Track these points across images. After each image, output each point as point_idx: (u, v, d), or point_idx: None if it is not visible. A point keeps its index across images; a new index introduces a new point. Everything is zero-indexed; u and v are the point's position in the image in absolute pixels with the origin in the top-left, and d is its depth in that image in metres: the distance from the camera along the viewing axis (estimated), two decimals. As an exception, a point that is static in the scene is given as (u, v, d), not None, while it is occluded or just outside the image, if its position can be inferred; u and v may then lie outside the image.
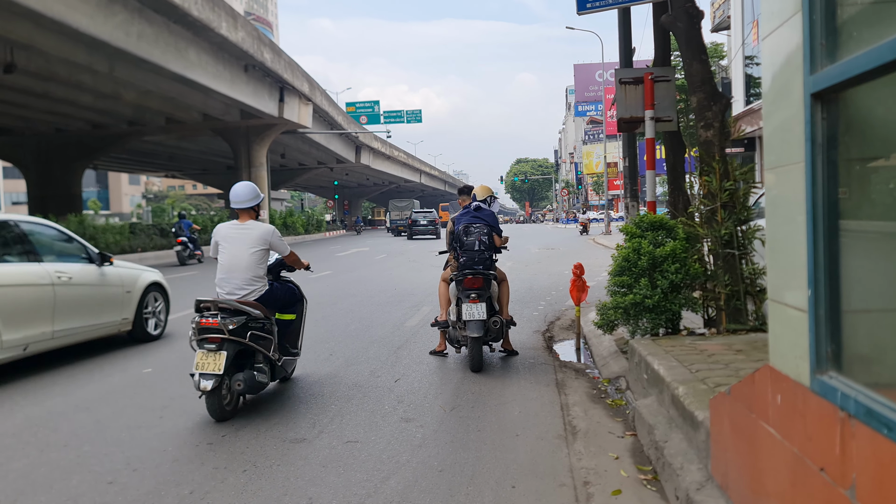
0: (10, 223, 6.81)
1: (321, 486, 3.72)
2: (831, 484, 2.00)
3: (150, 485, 3.76)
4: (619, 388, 5.67)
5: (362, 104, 58.67)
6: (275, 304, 5.57)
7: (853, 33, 2.03)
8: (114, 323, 7.79)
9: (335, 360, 6.93)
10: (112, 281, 7.79)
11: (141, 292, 8.26)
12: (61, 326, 6.87)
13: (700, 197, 5.99)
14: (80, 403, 5.43)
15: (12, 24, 18.18)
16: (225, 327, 4.89)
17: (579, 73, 61.85)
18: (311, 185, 78.75)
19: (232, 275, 5.29)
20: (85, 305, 7.29)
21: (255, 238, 5.34)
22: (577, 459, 4.08)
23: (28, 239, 6.86)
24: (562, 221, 74.33)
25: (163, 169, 57.65)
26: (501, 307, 6.88)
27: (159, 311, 8.70)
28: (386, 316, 9.85)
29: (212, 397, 4.86)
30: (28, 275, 6.55)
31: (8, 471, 4.01)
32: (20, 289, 6.43)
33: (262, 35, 29.68)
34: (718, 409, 3.10)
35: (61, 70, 22.90)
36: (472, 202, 6.99)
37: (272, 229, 5.49)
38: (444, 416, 4.99)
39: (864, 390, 1.88)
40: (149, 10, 21.32)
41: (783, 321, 2.40)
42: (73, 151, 35.43)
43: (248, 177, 37.40)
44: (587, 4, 8.57)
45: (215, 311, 5.01)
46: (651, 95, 7.49)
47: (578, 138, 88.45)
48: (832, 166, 2.08)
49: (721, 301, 5.66)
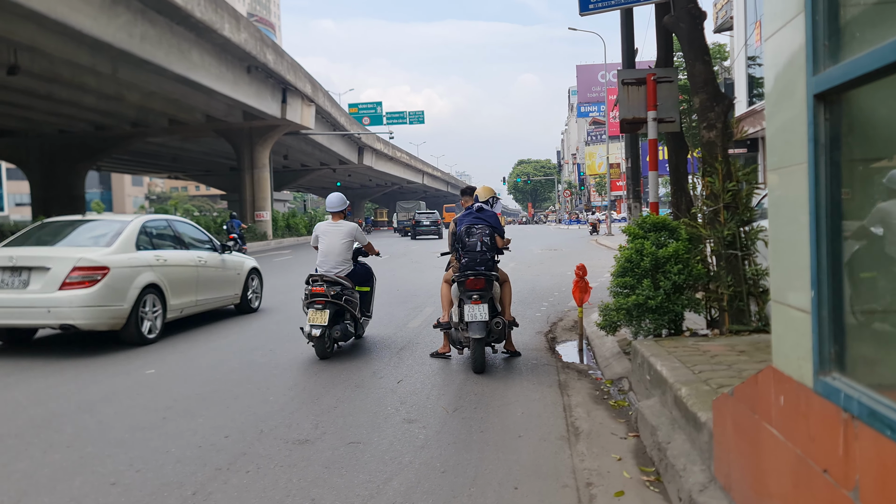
0: (168, 221, 9.49)
1: (324, 487, 3.72)
2: (834, 485, 2.00)
3: (153, 486, 3.76)
4: (621, 390, 5.66)
5: (365, 105, 58.74)
6: (356, 279, 7.54)
7: (856, 34, 2.03)
8: (230, 297, 10.13)
9: (338, 361, 6.93)
10: (229, 265, 10.13)
11: (246, 275, 10.57)
12: (201, 297, 9.27)
13: (703, 198, 5.98)
14: (83, 405, 5.43)
15: (16, 25, 18.24)
16: (328, 293, 6.95)
17: (582, 74, 61.84)
18: (313, 187, 78.81)
19: (328, 258, 7.36)
20: (214, 283, 9.61)
21: (345, 232, 7.45)
22: (580, 461, 4.07)
23: (179, 233, 9.39)
24: (564, 222, 74.30)
25: (166, 170, 57.78)
26: (504, 308, 6.87)
27: (258, 289, 11.03)
28: (388, 317, 9.85)
29: (318, 342, 6.85)
30: (184, 258, 8.99)
31: (11, 471, 4.02)
32: (179, 268, 8.81)
33: (264, 36, 29.74)
34: (721, 410, 3.09)
35: (65, 71, 22.96)
36: (475, 203, 6.99)
37: (356, 226, 7.60)
38: (446, 418, 4.99)
39: (867, 391, 1.87)
40: (152, 11, 21.37)
41: (786, 322, 2.40)
42: (76, 153, 35.52)
43: (251, 178, 37.49)
44: (590, 5, 8.57)
45: (321, 282, 7.02)
46: (654, 96, 7.49)
47: (581, 139, 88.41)
48: (835, 167, 2.08)
49: (724, 302, 5.65)
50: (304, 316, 7.38)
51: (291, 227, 43.85)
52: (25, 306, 7.35)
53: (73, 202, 34.45)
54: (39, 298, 7.32)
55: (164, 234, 9.07)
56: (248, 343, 8.12)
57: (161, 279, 8.31)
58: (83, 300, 7.32)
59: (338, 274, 7.26)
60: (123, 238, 8.12)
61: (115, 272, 7.60)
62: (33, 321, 7.48)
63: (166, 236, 9.10)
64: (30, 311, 7.36)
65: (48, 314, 7.31)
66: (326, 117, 43.93)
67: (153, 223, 8.97)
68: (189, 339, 8.46)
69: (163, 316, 8.34)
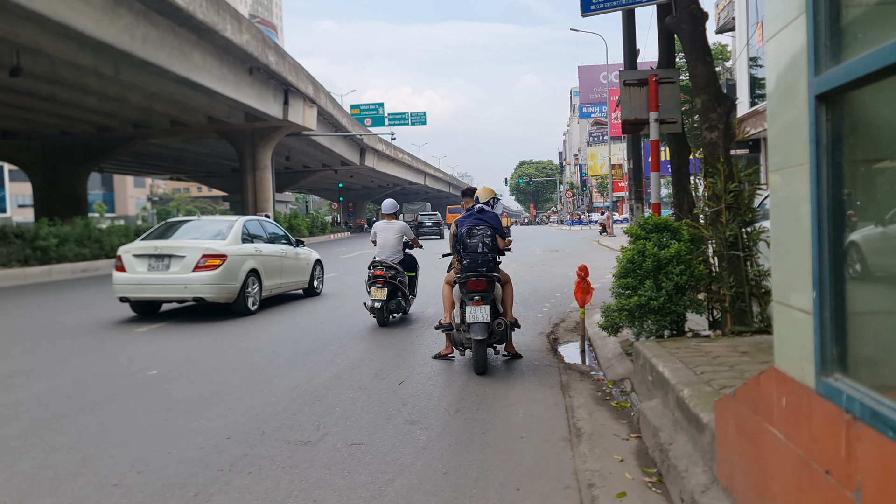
0: (259, 221, 11.89)
1: (326, 488, 3.72)
2: (837, 487, 1.99)
3: (155, 487, 3.77)
4: (623, 391, 5.66)
5: (367, 106, 58.83)
6: (405, 266, 9.52)
7: (858, 35, 2.03)
8: (301, 282, 12.56)
9: (340, 362, 6.94)
10: (301, 256, 12.55)
11: (312, 264, 12.96)
12: (283, 281, 11.79)
13: (705, 199, 5.98)
14: (86, 406, 5.44)
15: (18, 27, 18.27)
16: (386, 276, 9.09)
17: (583, 75, 61.83)
18: (315, 188, 78.88)
19: (385, 249, 9.41)
20: (292, 270, 12.09)
21: (397, 229, 9.54)
22: (582, 462, 4.07)
23: (266, 230, 11.85)
24: (566, 223, 74.24)
25: (168, 171, 57.81)
26: (505, 309, 6.87)
27: (320, 277, 13.43)
28: (391, 317, 9.83)
29: (378, 312, 9.04)
30: (272, 250, 11.44)
31: (14, 473, 4.03)
32: (270, 257, 11.27)
33: (266, 38, 29.75)
34: (723, 411, 3.09)
35: (67, 73, 22.99)
36: (475, 204, 6.99)
37: (405, 225, 9.70)
38: (448, 419, 4.99)
39: (869, 393, 1.87)
40: (154, 13, 21.40)
41: (788, 323, 2.40)
42: (78, 154, 35.54)
43: (253, 179, 37.51)
44: (591, 6, 8.57)
45: (381, 267, 9.17)
46: (655, 97, 7.48)
47: (583, 140, 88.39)
48: (837, 168, 2.07)
49: (726, 303, 5.64)
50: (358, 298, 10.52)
51: (294, 228, 43.82)
52: (169, 283, 9.90)
53: (75, 204, 34.48)
54: (178, 278, 9.87)
55: (257, 231, 11.47)
56: (318, 317, 10.36)
57: (259, 265, 10.80)
58: (209, 279, 9.87)
59: (392, 261, 9.29)
60: (233, 233, 10.63)
61: (230, 259, 10.12)
62: (174, 295, 9.99)
63: (258, 232, 11.49)
64: (172, 287, 9.91)
65: (185, 289, 9.87)
66: (328, 118, 43.95)
67: (250, 222, 11.44)
68: (277, 312, 10.87)
69: (259, 294, 10.87)
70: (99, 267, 21.14)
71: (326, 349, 7.62)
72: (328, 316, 10.37)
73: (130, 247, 10.46)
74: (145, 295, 10.13)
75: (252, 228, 11.31)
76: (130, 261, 10.15)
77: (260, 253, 10.94)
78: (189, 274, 9.83)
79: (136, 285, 10.05)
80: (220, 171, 53.13)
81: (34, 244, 19.78)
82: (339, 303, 11.87)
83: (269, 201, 38.13)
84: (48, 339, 8.65)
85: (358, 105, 58.94)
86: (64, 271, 19.59)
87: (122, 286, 10.13)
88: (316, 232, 48.92)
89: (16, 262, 18.88)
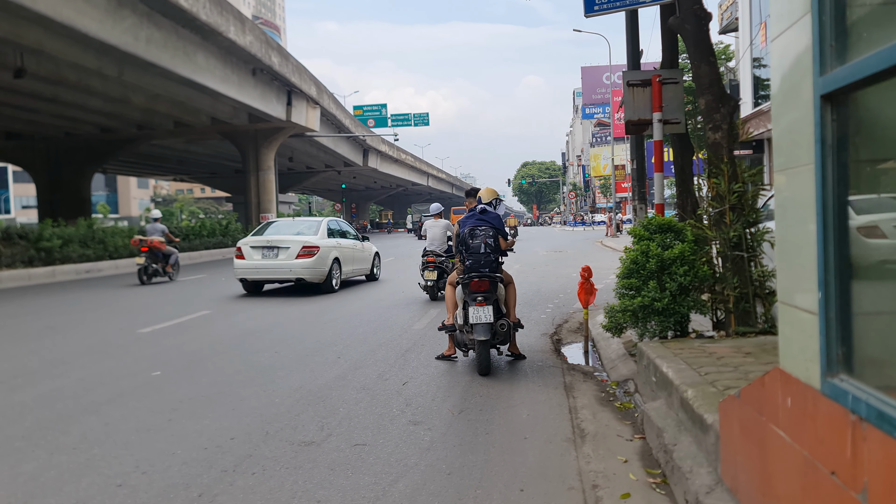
0: (336, 221, 15.19)
1: (329, 489, 3.73)
2: (843, 488, 1.99)
3: (159, 487, 3.77)
4: (627, 391, 5.65)
5: (370, 107, 58.85)
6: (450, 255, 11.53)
7: (863, 34, 2.02)
8: (366, 269, 15.83)
9: (343, 363, 6.94)
10: (366, 249, 15.82)
11: (373, 255, 16.27)
12: (355, 268, 15.02)
13: (708, 199, 5.97)
14: (90, 406, 5.45)
15: (22, 28, 18.33)
16: (436, 261, 11.62)
17: (587, 76, 61.73)
18: (318, 189, 78.95)
19: (434, 242, 11.99)
20: (360, 259, 15.38)
21: (442, 226, 12.12)
22: (586, 463, 4.07)
23: (342, 227, 15.17)
24: (569, 224, 74.21)
25: (171, 173, 57.93)
26: (508, 310, 6.87)
27: (378, 266, 16.64)
28: (393, 319, 9.85)
29: (430, 290, 11.67)
30: (347, 243, 14.71)
31: (18, 473, 4.03)
32: (346, 249, 14.48)
33: (269, 39, 29.79)
34: (728, 412, 3.08)
35: (70, 74, 23.06)
36: (478, 205, 6.98)
37: (448, 223, 12.13)
38: (452, 420, 4.99)
39: (875, 393, 1.87)
40: (157, 14, 21.44)
41: (793, 324, 2.39)
42: (82, 155, 35.63)
43: (256, 180, 37.56)
44: (594, 6, 8.56)
45: (432, 255, 11.71)
46: (659, 97, 7.47)
47: (586, 141, 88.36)
48: (842, 168, 2.07)
49: (730, 303, 5.63)
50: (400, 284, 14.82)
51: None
52: (277, 268, 13.25)
53: (79, 205, 34.56)
54: (285, 264, 13.18)
55: (336, 228, 14.76)
56: (379, 296, 13.10)
57: (340, 255, 14.00)
58: (308, 264, 13.16)
59: (439, 251, 11.86)
60: (321, 230, 14.05)
61: (322, 249, 13.39)
62: (282, 276, 13.41)
63: (337, 229, 14.76)
64: (280, 270, 13.26)
65: (290, 272, 13.21)
66: (331, 119, 44.00)
67: (332, 221, 14.90)
68: (351, 291, 13.97)
69: (340, 277, 13.99)
70: (102, 268, 21.19)
71: (330, 349, 7.63)
72: (382, 296, 13.16)
73: (247, 240, 13.76)
74: (259, 276, 13.47)
75: (332, 226, 14.60)
76: (248, 251, 13.47)
77: (340, 245, 14.20)
78: (293, 260, 13.14)
79: (253, 269, 13.38)
80: (224, 172, 53.21)
81: (38, 245, 19.82)
82: (393, 286, 14.78)
83: (272, 202, 38.18)
84: (52, 339, 8.67)
85: (361, 106, 58.97)
86: (68, 272, 19.63)
87: (242, 270, 13.49)
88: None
89: (20, 263, 18.93)
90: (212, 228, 31.04)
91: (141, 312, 11.14)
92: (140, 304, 12.46)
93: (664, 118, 7.56)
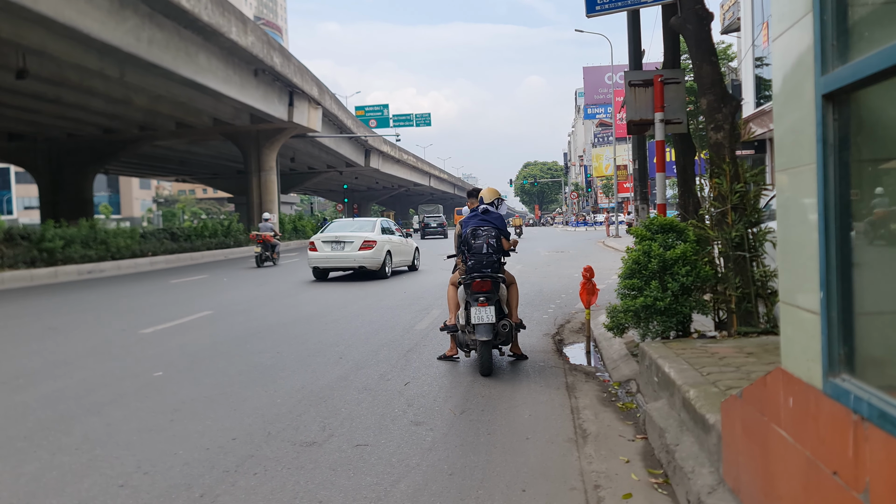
0: (386, 221, 18.20)
1: (331, 489, 3.73)
2: (844, 488, 1.99)
3: (161, 488, 3.77)
4: (629, 392, 5.65)
5: (371, 108, 58.81)
6: None
7: (864, 34, 2.02)
8: (408, 261, 18.67)
9: (345, 363, 6.94)
10: (408, 244, 18.92)
11: (413, 249, 19.23)
12: (401, 259, 17.89)
13: (710, 199, 5.96)
14: (92, 407, 5.45)
15: (24, 29, 18.36)
16: None
17: (588, 76, 61.71)
18: (320, 189, 78.97)
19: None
20: (405, 252, 18.34)
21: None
22: (588, 463, 4.06)
23: (390, 226, 18.13)
24: (571, 224, 74.16)
25: (173, 173, 57.99)
26: (510, 310, 6.86)
27: (418, 258, 19.58)
28: (395, 319, 9.85)
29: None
30: (395, 238, 17.75)
31: (20, 474, 4.04)
32: (395, 243, 17.46)
33: (271, 39, 29.81)
34: (730, 412, 3.08)
35: (73, 75, 23.09)
36: (480, 205, 6.98)
37: None
38: (454, 420, 4.99)
39: (877, 393, 1.86)
40: (159, 15, 21.47)
41: (795, 324, 2.39)
42: (84, 156, 35.69)
43: (258, 181, 37.61)
44: (596, 7, 8.55)
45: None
46: (661, 98, 7.47)
47: (588, 141, 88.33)
48: (844, 168, 2.06)
49: (732, 304, 5.63)
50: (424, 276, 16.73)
51: (298, 229, 43.87)
52: (344, 258, 16.42)
53: (81, 205, 34.62)
54: (350, 255, 16.35)
55: (386, 227, 17.83)
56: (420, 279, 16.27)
57: (391, 247, 17.18)
58: (368, 255, 16.30)
59: None
60: (377, 228, 17.27)
61: (378, 243, 16.54)
62: (347, 264, 16.59)
63: (387, 227, 17.85)
64: (346, 260, 16.44)
65: (354, 261, 16.37)
66: (333, 120, 44.01)
67: (383, 221, 18.11)
68: (399, 278, 16.91)
69: (391, 266, 17.14)
70: (105, 269, 21.21)
71: (332, 350, 7.63)
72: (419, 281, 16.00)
73: (318, 236, 17.02)
74: (329, 265, 16.68)
75: (384, 225, 17.80)
76: (320, 245, 16.68)
77: (390, 241, 17.36)
78: (356, 252, 16.29)
79: (324, 259, 16.58)
80: (226, 172, 53.25)
81: (40, 246, 19.86)
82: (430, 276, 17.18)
83: (274, 203, 38.21)
84: (54, 340, 8.68)
85: (363, 106, 58.88)
86: (70, 273, 19.66)
87: (315, 259, 16.67)
88: (321, 233, 48.88)
89: (22, 264, 18.97)
90: (213, 229, 31.07)
91: (143, 313, 11.15)
92: (141, 305, 12.47)
93: (666, 118, 7.55)
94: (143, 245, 24.88)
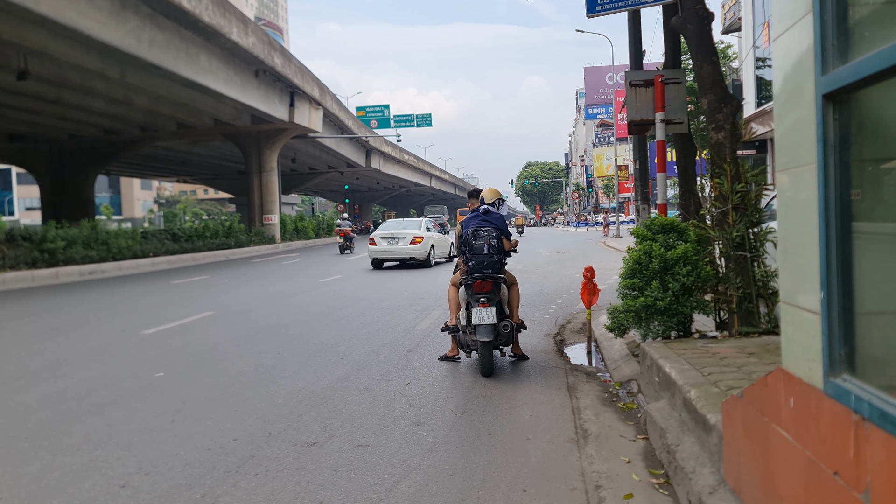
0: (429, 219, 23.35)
1: (332, 489, 3.73)
2: (845, 488, 1.98)
3: (162, 488, 3.77)
4: (630, 392, 5.65)
5: (372, 108, 58.82)
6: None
7: (865, 34, 2.02)
8: (446, 253, 22.42)
9: (346, 363, 6.94)
10: (446, 239, 22.82)
11: (450, 243, 22.73)
12: (440, 252, 21.90)
13: (711, 199, 5.96)
14: (93, 407, 5.46)
15: (26, 31, 18.37)
16: None
17: (589, 76, 61.69)
18: (321, 189, 79.00)
19: None
20: (444, 246, 22.30)
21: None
22: (589, 463, 4.06)
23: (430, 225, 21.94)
24: (572, 225, 74.14)
25: (174, 174, 58.01)
26: (511, 311, 6.86)
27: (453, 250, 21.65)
28: (396, 320, 9.85)
29: None
30: (437, 234, 21.97)
31: (22, 474, 4.04)
32: (436, 238, 21.60)
33: (272, 40, 29.82)
34: (731, 412, 3.08)
35: (74, 76, 23.11)
36: (481, 205, 6.98)
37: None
38: (454, 420, 4.99)
39: (878, 393, 1.86)
40: (160, 16, 21.48)
41: (796, 324, 2.39)
42: (85, 157, 35.70)
43: (259, 182, 37.61)
44: (597, 7, 8.55)
45: None
46: (661, 98, 7.46)
47: (589, 141, 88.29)
48: (845, 168, 2.06)
49: (733, 304, 5.62)
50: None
51: (300, 230, 43.89)
52: (398, 251, 19.89)
53: (82, 206, 34.64)
54: (402, 248, 19.87)
55: (428, 225, 21.23)
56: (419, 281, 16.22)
57: (434, 242, 20.74)
58: (417, 248, 19.85)
59: None
60: (423, 226, 20.97)
61: (425, 238, 20.07)
62: (400, 256, 19.97)
63: (429, 226, 21.36)
64: (399, 252, 19.90)
65: (406, 253, 19.85)
66: (334, 120, 44.03)
67: (427, 220, 22.11)
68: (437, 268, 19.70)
69: (433, 258, 20.66)
70: (106, 269, 21.23)
71: (333, 350, 7.63)
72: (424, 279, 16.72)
73: (377, 233, 20.48)
74: (386, 256, 20.03)
75: (427, 224, 21.53)
76: (378, 240, 20.11)
77: (433, 236, 20.95)
78: (408, 246, 19.87)
79: (382, 251, 20.04)
80: (227, 173, 53.27)
81: (42, 246, 19.88)
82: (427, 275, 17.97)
83: (275, 203, 38.22)
84: (55, 340, 8.69)
85: (364, 107, 58.91)
86: (71, 273, 19.67)
87: (374, 252, 20.08)
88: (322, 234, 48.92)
89: (23, 265, 18.98)
90: (215, 230, 31.09)
91: (144, 313, 11.16)
92: (142, 305, 12.48)
93: (667, 118, 7.55)
94: (145, 246, 24.90)
